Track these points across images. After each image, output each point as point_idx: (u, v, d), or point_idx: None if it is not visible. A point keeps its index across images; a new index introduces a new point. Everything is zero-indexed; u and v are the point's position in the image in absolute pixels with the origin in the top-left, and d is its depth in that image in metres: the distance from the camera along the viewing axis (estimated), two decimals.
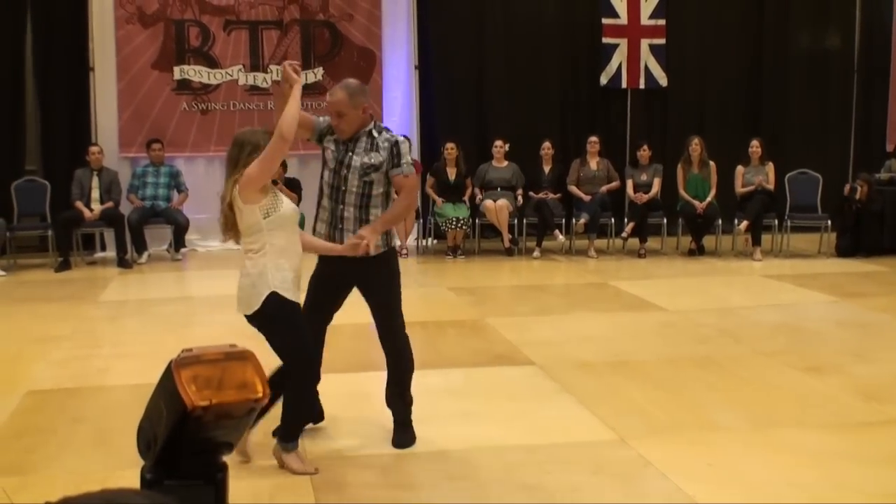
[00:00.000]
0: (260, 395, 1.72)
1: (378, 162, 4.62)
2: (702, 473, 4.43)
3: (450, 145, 11.31)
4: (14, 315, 8.33)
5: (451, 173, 11.42)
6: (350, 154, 4.63)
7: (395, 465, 4.67)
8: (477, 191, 11.54)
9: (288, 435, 4.51)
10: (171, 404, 1.70)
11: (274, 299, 4.23)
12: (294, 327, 4.36)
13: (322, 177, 4.75)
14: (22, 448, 4.83)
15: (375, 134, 4.68)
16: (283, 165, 11.40)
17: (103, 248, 11.74)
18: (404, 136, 4.83)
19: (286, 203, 4.36)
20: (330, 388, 5.50)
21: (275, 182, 4.63)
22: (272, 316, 4.27)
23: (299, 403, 4.54)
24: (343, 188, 4.64)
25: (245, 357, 1.75)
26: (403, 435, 4.90)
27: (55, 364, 6.54)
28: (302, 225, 4.70)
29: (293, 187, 11.59)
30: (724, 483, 4.33)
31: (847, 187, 11.47)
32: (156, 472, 1.76)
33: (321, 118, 4.80)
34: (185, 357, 1.69)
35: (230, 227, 4.30)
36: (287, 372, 4.42)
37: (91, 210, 10.87)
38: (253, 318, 4.32)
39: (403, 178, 4.69)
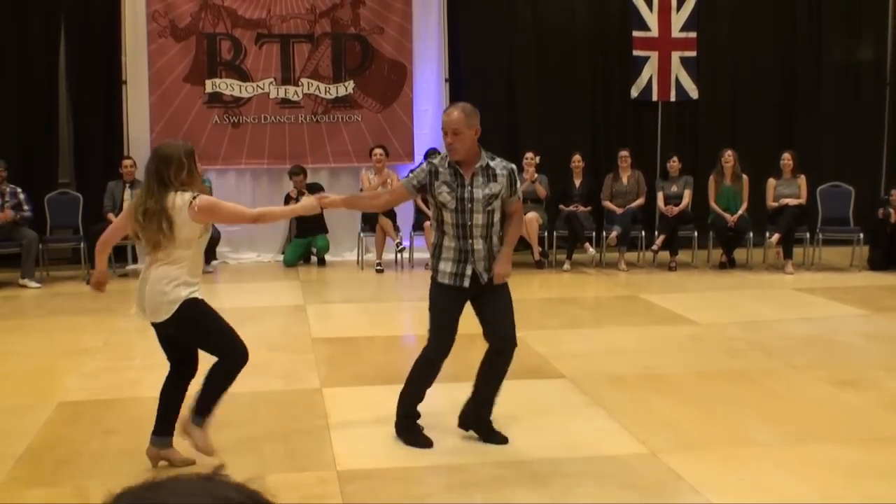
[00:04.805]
0: None
1: (497, 191, 4.87)
2: (733, 488, 4.40)
3: None
4: (47, 327, 8.40)
5: None
6: (470, 188, 4.83)
7: (425, 477, 4.67)
8: None
9: (207, 412, 4.66)
10: None
11: (189, 303, 4.48)
12: (221, 325, 4.62)
13: (439, 219, 4.95)
14: (54, 459, 4.87)
15: (489, 162, 4.89)
16: (304, 173, 11.50)
17: (135, 261, 11.82)
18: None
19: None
20: (360, 400, 5.51)
21: (300, 192, 4.90)
22: (193, 319, 4.53)
23: (225, 390, 4.70)
24: (469, 223, 4.85)
25: None
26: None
27: (87, 376, 6.59)
28: (326, 249, 4.96)
29: (316, 192, 11.66)
30: (756, 498, 4.30)
31: (881, 211, 11.24)
32: None
33: (411, 175, 5.06)
34: None
35: (168, 235, 4.49)
36: (221, 366, 4.64)
37: None
38: (167, 325, 4.52)
39: (519, 202, 5.02)
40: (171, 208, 4.44)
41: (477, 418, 5.13)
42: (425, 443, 5.02)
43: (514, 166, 5.03)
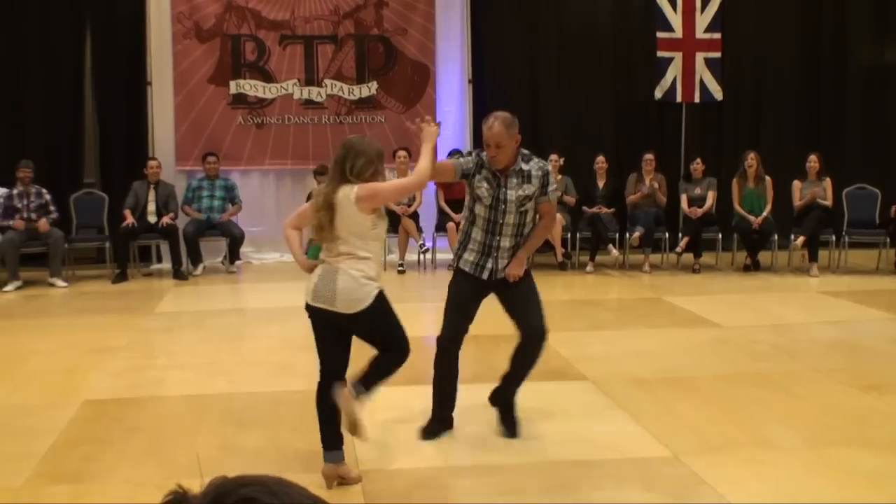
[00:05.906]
0: None
1: (531, 192, 4.98)
2: (756, 492, 4.38)
3: None
4: (72, 326, 8.46)
5: None
6: (504, 189, 4.95)
7: (447, 478, 4.67)
8: None
9: (369, 388, 4.56)
10: None
11: (383, 296, 4.52)
12: (398, 320, 4.63)
13: (472, 210, 5.06)
14: (79, 456, 4.90)
15: (524, 165, 5.00)
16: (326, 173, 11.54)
17: (159, 260, 11.90)
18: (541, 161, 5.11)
19: (385, 219, 4.65)
20: (382, 400, 5.50)
21: None
22: (385, 310, 4.55)
23: (388, 377, 4.68)
24: (501, 221, 4.98)
25: None
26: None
27: (111, 374, 6.63)
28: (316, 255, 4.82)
29: None
30: (778, 501, 4.27)
31: (893, 209, 11.17)
32: None
33: (462, 159, 5.14)
34: None
35: (327, 227, 4.48)
36: (394, 355, 4.62)
37: (149, 222, 11.00)
38: (361, 315, 4.48)
39: (549, 203, 5.07)
40: (337, 200, 4.43)
41: (501, 396, 5.25)
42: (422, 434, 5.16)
43: (549, 168, 5.13)
